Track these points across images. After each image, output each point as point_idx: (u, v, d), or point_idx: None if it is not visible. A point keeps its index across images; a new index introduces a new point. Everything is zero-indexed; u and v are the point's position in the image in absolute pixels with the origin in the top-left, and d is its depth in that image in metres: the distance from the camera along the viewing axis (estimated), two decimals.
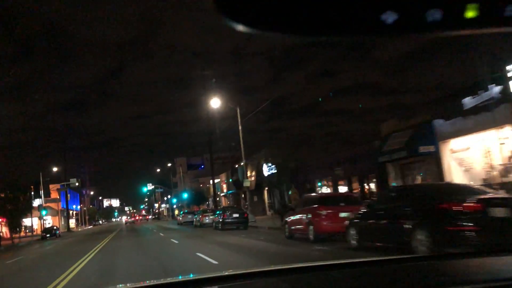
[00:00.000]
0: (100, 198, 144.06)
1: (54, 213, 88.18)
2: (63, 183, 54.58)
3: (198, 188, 57.09)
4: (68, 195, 77.42)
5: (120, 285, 2.58)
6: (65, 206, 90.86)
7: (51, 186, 71.41)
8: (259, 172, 35.47)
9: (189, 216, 42.92)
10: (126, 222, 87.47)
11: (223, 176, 50.53)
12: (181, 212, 46.20)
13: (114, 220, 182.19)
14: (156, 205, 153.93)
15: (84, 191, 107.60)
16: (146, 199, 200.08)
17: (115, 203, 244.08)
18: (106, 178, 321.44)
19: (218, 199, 58.17)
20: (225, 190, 50.12)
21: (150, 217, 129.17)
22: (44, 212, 67.69)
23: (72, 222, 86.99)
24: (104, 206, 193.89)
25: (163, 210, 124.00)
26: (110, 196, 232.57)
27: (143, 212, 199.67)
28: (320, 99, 48.51)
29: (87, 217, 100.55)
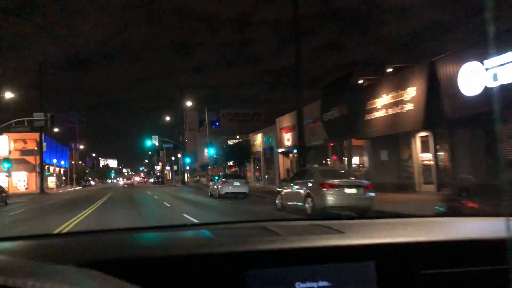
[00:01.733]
0: (94, 155, 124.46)
1: (29, 168, 68.31)
2: (21, 119, 34.34)
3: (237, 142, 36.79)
4: (44, 144, 57.28)
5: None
6: (47, 161, 71.29)
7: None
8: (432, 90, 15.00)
9: (236, 184, 23.17)
10: (124, 184, 79.38)
11: (286, 121, 30.03)
12: (216, 178, 26.24)
13: (109, 181, 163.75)
14: (158, 167, 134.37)
15: (72, 145, 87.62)
16: (146, 160, 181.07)
17: (113, 163, 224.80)
18: (105, 138, 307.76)
19: (258, 157, 37.92)
20: (288, 144, 29.64)
21: (151, 180, 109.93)
22: (5, 166, 48.05)
23: (52, 181, 67.23)
24: (101, 166, 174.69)
25: (166, 173, 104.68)
26: (108, 157, 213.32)
27: (142, 174, 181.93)
28: None
29: (74, 176, 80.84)
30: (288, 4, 18.17)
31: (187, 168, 56.84)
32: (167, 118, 55.76)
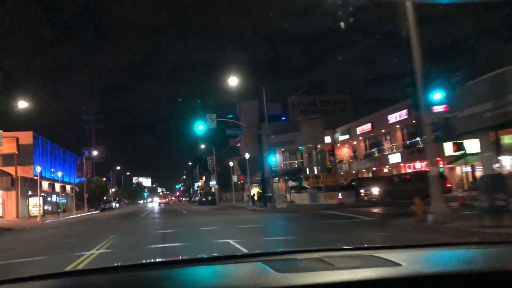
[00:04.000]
0: (119, 168, 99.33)
1: (9, 184, 42.40)
2: None
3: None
4: (3, 139, 31.07)
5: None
6: (46, 175, 46.38)
7: None
8: None
9: None
10: (160, 204, 72.67)
11: None
12: None
13: (142, 202, 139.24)
14: (199, 183, 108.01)
15: (86, 152, 62.31)
16: (184, 176, 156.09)
17: (147, 182, 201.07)
18: (139, 157, 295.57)
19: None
20: None
21: (197, 199, 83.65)
22: None
23: (36, 205, 41.16)
24: (133, 185, 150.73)
25: (212, 189, 77.73)
26: (141, 175, 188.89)
27: (177, 193, 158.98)
28: None
29: (85, 196, 54.98)
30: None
31: (274, 174, 29.51)
32: (234, 81, 28.71)
